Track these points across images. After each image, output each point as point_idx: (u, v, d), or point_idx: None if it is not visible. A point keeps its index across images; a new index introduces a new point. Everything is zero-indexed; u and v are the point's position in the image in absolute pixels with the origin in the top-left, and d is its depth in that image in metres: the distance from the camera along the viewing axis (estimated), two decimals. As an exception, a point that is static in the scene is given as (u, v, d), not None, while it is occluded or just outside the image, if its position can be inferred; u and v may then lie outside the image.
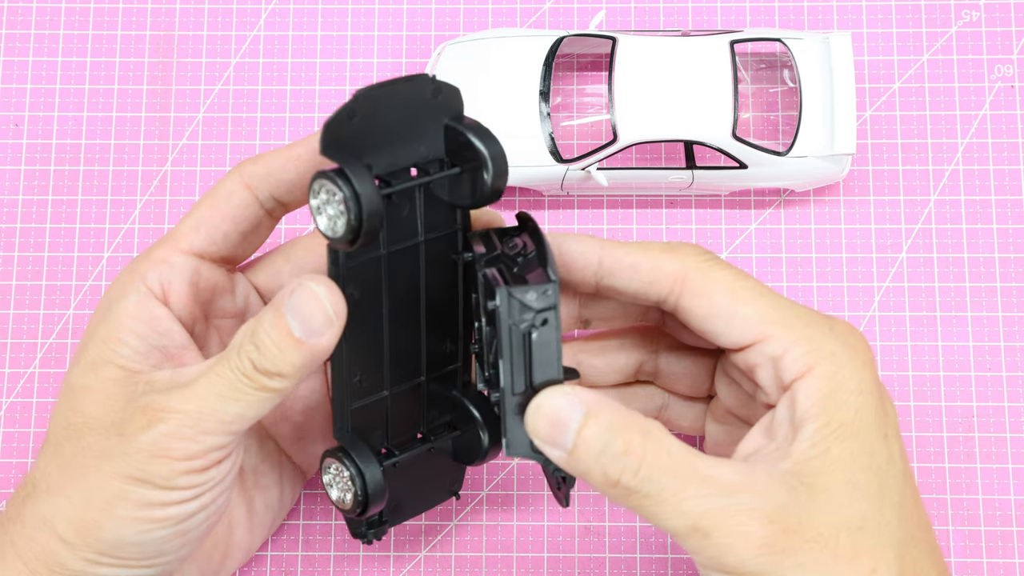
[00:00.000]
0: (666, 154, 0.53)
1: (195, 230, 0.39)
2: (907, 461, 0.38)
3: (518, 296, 0.35)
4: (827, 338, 0.37)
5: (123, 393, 0.37)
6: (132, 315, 0.38)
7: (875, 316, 0.51)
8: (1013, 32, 0.54)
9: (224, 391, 0.36)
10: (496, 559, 0.49)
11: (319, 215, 0.35)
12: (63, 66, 0.54)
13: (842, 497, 0.35)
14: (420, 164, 0.37)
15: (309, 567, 0.49)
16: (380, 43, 0.55)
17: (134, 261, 0.40)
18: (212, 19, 0.55)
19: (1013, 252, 0.52)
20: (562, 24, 0.54)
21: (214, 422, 0.36)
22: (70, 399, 0.38)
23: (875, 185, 0.53)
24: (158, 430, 0.36)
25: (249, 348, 0.36)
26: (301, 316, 0.35)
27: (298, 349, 0.35)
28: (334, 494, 0.41)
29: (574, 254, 0.39)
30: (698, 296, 0.38)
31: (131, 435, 0.36)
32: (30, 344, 0.52)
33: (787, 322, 0.37)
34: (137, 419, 0.36)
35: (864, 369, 0.37)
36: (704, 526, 0.34)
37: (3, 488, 0.50)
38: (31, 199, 0.53)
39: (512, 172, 0.50)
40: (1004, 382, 0.51)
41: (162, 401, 0.36)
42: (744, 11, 0.54)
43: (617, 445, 0.34)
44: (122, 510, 0.36)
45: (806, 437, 0.35)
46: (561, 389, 0.35)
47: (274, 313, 0.36)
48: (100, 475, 0.36)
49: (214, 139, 0.54)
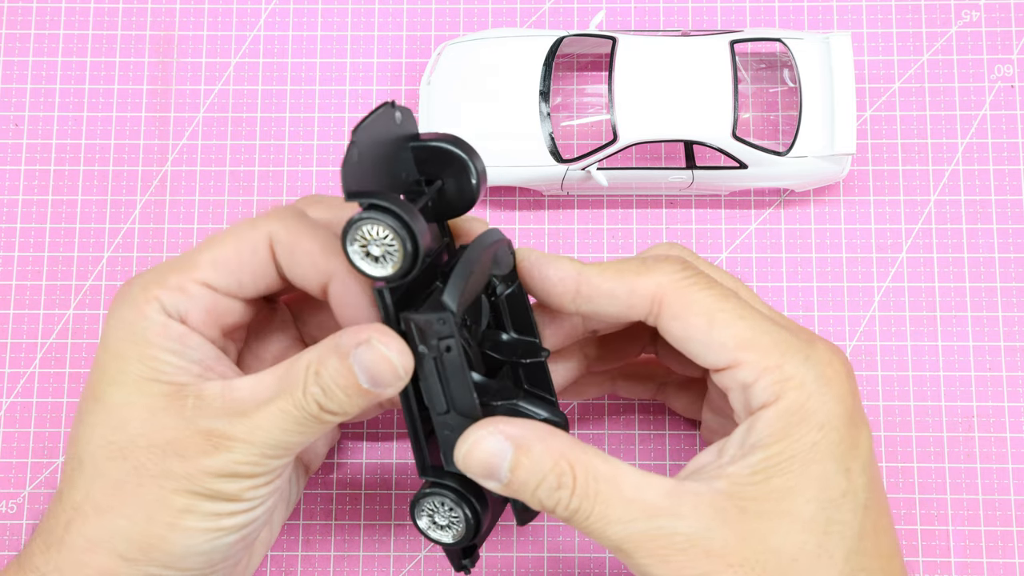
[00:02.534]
0: (666, 154, 0.53)
1: (214, 267, 0.38)
2: (875, 492, 0.37)
3: (416, 321, 0.35)
4: (800, 367, 0.36)
5: (172, 408, 0.37)
6: (160, 334, 0.38)
7: (875, 316, 0.51)
8: (1013, 32, 0.54)
9: (290, 426, 0.36)
10: (496, 559, 0.49)
11: (364, 261, 0.35)
12: (63, 66, 0.54)
13: (777, 526, 0.35)
14: (405, 189, 0.37)
15: (309, 567, 0.49)
16: (380, 43, 0.55)
17: (143, 281, 0.39)
18: (212, 19, 0.55)
19: (1013, 252, 0.52)
20: (562, 24, 0.54)
21: (279, 449, 0.37)
22: (109, 417, 0.37)
23: (875, 185, 0.53)
24: (225, 457, 0.36)
25: (315, 391, 0.36)
26: (370, 373, 0.36)
27: (365, 397, 0.36)
28: (438, 534, 0.39)
29: (552, 280, 0.38)
30: (675, 319, 0.37)
31: (194, 458, 0.36)
32: (30, 344, 0.52)
33: (762, 348, 0.36)
34: (198, 444, 0.36)
35: (835, 402, 0.36)
36: (626, 548, 0.35)
37: (3, 488, 0.50)
38: (31, 199, 0.53)
39: (512, 172, 0.50)
40: (1004, 382, 0.51)
41: (226, 430, 0.36)
42: (744, 11, 0.54)
43: (550, 480, 0.35)
44: (191, 522, 0.36)
45: (750, 464, 0.35)
46: (487, 429, 0.36)
47: (340, 362, 0.36)
48: (162, 492, 0.36)
49: (214, 139, 0.54)
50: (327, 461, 0.50)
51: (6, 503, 0.50)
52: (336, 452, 0.50)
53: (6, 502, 0.50)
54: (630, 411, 0.51)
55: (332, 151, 0.53)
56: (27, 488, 0.50)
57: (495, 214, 0.53)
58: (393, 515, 0.50)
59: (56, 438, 0.51)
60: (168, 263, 0.39)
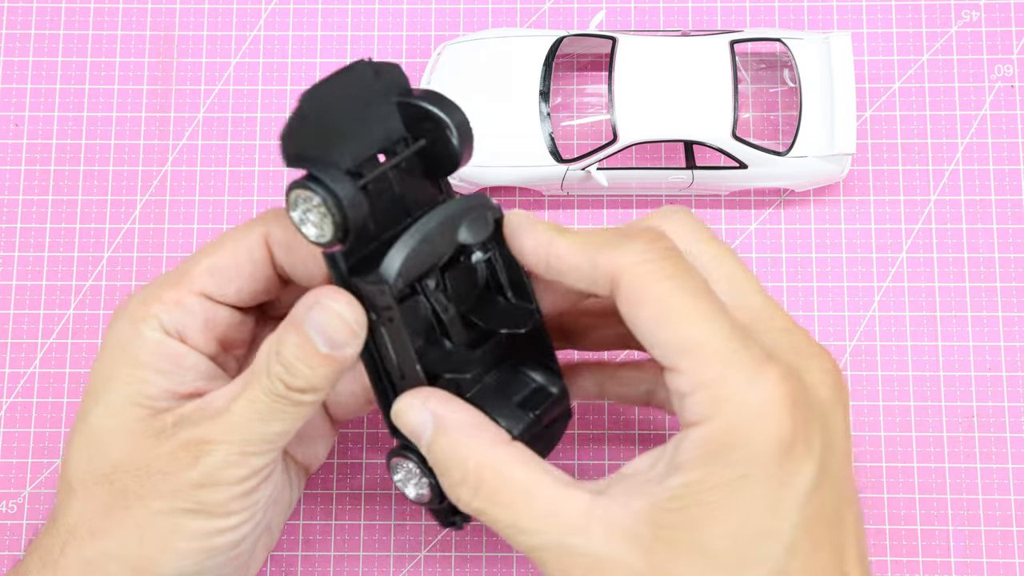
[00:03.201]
0: (666, 154, 0.53)
1: (210, 276, 0.38)
2: (808, 534, 0.33)
3: (361, 289, 0.35)
4: (742, 386, 0.32)
5: (150, 431, 0.37)
6: (154, 353, 0.37)
7: (875, 316, 0.51)
8: (1013, 32, 0.54)
9: (263, 414, 0.36)
10: (496, 559, 0.49)
11: (304, 226, 0.35)
12: (63, 66, 0.54)
13: (687, 559, 0.32)
14: (386, 148, 0.37)
15: (309, 567, 0.49)
16: (380, 43, 0.55)
17: (142, 298, 0.38)
18: (212, 19, 0.55)
19: (1013, 252, 0.52)
20: (562, 24, 0.54)
21: (260, 444, 0.36)
22: (92, 441, 0.37)
23: (875, 185, 0.53)
24: (206, 463, 0.36)
25: (278, 370, 0.35)
26: (324, 333, 0.35)
27: (327, 363, 0.36)
28: (412, 492, 0.39)
29: (527, 248, 0.36)
30: (627, 304, 0.34)
31: (177, 472, 0.36)
32: (30, 344, 0.52)
33: (703, 357, 0.32)
34: (180, 457, 0.36)
35: (773, 431, 0.32)
36: (535, 558, 0.34)
37: (3, 488, 0.50)
38: (31, 199, 0.53)
39: (512, 172, 0.50)
40: (1004, 382, 0.51)
41: (203, 434, 0.36)
42: (744, 11, 0.54)
43: (455, 474, 0.35)
44: (180, 543, 0.36)
45: (670, 487, 0.33)
46: (417, 399, 0.36)
47: (296, 332, 0.35)
48: (149, 513, 0.36)
49: (214, 139, 0.54)
50: (327, 461, 0.50)
51: (6, 503, 0.50)
52: (336, 452, 0.50)
53: (6, 502, 0.50)
54: (630, 411, 0.51)
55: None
56: (27, 488, 0.50)
57: (495, 214, 0.53)
58: (393, 515, 0.50)
59: (56, 438, 0.51)
60: (165, 276, 0.39)
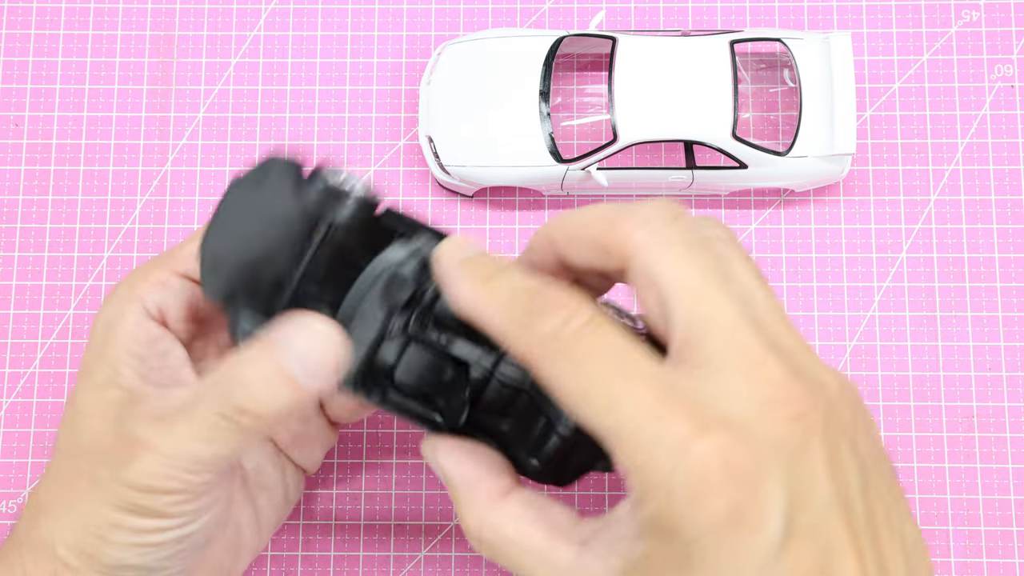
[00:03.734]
0: (666, 154, 0.53)
1: (193, 258, 0.38)
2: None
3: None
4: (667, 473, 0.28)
5: (120, 415, 0.36)
6: (131, 336, 0.37)
7: (875, 316, 0.51)
8: (1013, 32, 0.54)
9: (200, 432, 0.34)
10: (496, 559, 0.49)
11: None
12: (63, 66, 0.54)
13: None
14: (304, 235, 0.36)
15: (309, 567, 0.49)
16: (380, 43, 0.55)
17: (131, 278, 0.39)
18: (212, 19, 0.55)
19: (1013, 252, 0.52)
20: (562, 24, 0.54)
21: (191, 462, 0.34)
22: (73, 420, 0.37)
23: (875, 185, 0.53)
24: (135, 468, 0.34)
25: (237, 391, 0.34)
26: (303, 356, 0.33)
27: (294, 393, 0.33)
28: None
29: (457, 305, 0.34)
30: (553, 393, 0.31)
31: (115, 468, 0.35)
32: (30, 344, 0.52)
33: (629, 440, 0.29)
34: (121, 451, 0.35)
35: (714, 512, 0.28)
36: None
37: (3, 488, 0.50)
38: (31, 199, 0.53)
39: (512, 172, 0.50)
40: (1004, 382, 0.51)
41: (143, 435, 0.35)
42: (744, 11, 0.54)
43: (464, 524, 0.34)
44: (119, 536, 0.35)
45: (634, 552, 0.30)
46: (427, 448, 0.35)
47: (268, 353, 0.34)
48: (94, 503, 0.35)
49: (214, 139, 0.54)
50: (327, 461, 0.50)
51: (6, 503, 0.50)
52: (336, 452, 0.50)
53: (6, 502, 0.50)
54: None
55: (332, 151, 0.53)
56: (27, 488, 0.50)
57: (495, 214, 0.53)
58: (393, 515, 0.50)
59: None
60: (155, 258, 0.39)
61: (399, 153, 0.53)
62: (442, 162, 0.50)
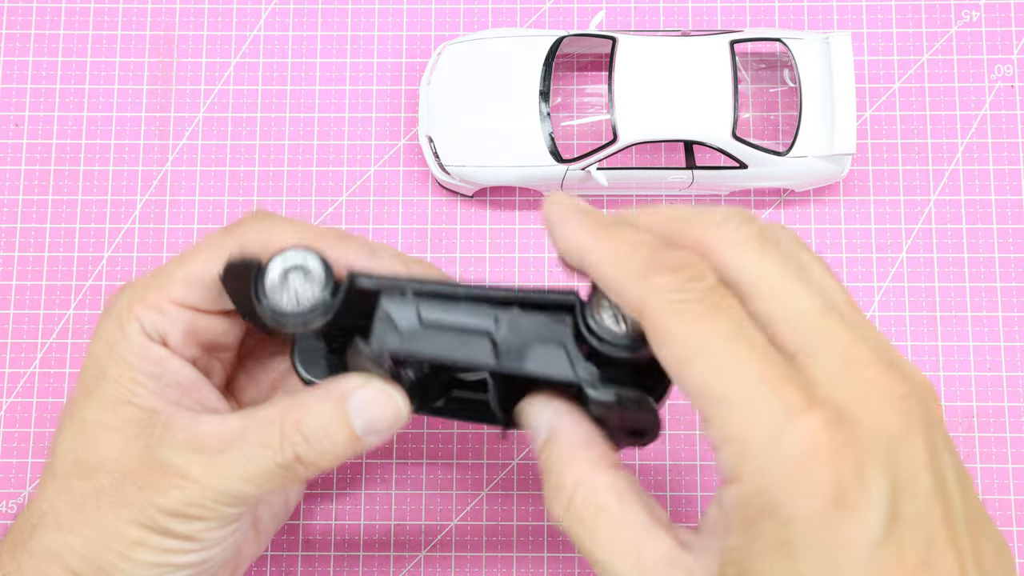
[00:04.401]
0: (666, 154, 0.53)
1: (188, 286, 0.37)
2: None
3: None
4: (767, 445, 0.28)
5: (142, 435, 0.36)
6: (139, 356, 0.37)
7: (875, 316, 0.51)
8: (1013, 32, 0.54)
9: (254, 476, 0.35)
10: (496, 559, 0.49)
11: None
12: (63, 66, 0.54)
13: None
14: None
15: (309, 567, 0.49)
16: (380, 43, 0.55)
17: (125, 299, 0.38)
18: (212, 19, 0.55)
19: (1013, 252, 0.52)
20: (562, 24, 0.54)
21: (237, 499, 0.35)
22: (83, 434, 0.37)
23: (875, 185, 0.53)
24: (175, 497, 0.35)
25: (297, 439, 0.34)
26: (367, 416, 0.34)
27: (353, 446, 0.35)
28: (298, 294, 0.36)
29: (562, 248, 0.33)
30: (653, 341, 0.30)
31: (148, 492, 0.35)
32: (30, 344, 0.52)
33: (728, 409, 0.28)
34: (155, 478, 0.35)
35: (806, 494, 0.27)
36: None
37: (3, 488, 0.50)
38: (31, 199, 0.53)
39: (512, 172, 0.50)
40: (1004, 382, 0.51)
41: (182, 467, 0.35)
42: (744, 11, 0.54)
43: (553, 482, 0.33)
44: (142, 555, 0.36)
45: (724, 550, 0.29)
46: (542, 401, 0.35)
47: (332, 406, 0.34)
48: (118, 521, 0.35)
49: (214, 139, 0.54)
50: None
51: (6, 503, 0.50)
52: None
53: (6, 502, 0.50)
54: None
55: (332, 151, 0.53)
56: (27, 488, 0.50)
57: (495, 214, 0.53)
58: (393, 515, 0.50)
59: (56, 438, 0.51)
60: (148, 278, 0.38)
61: (399, 153, 0.53)
62: (442, 162, 0.50)
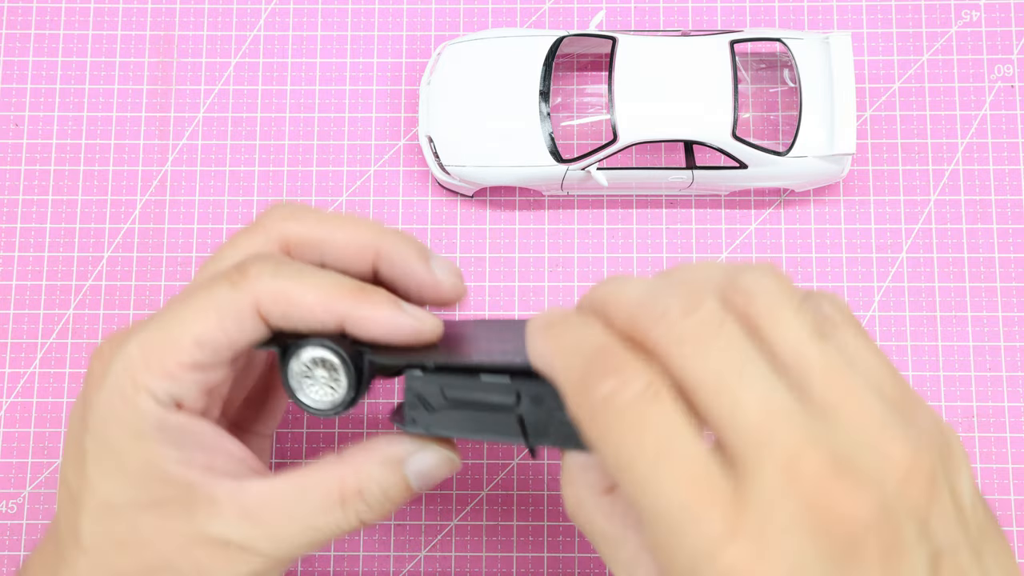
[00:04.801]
0: (666, 154, 0.53)
1: (200, 348, 0.34)
2: None
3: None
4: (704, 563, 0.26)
5: (184, 513, 0.35)
6: (158, 428, 0.34)
7: (875, 316, 0.51)
8: (1013, 32, 0.54)
9: (318, 542, 0.36)
10: (496, 559, 0.49)
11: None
12: (63, 66, 0.54)
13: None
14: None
15: (309, 567, 0.49)
16: (380, 43, 0.55)
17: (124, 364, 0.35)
18: (212, 19, 0.55)
19: (1013, 252, 0.52)
20: (562, 24, 0.54)
21: (296, 558, 0.37)
22: (114, 515, 0.35)
23: (875, 185, 0.53)
24: (243, 571, 0.35)
25: (361, 508, 0.36)
26: (427, 477, 0.36)
27: (404, 497, 0.36)
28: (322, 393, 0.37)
29: None
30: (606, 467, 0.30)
31: (207, 567, 0.35)
32: (30, 344, 0.52)
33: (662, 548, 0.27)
34: (215, 554, 0.35)
35: None
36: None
37: (3, 488, 0.50)
38: (31, 199, 0.53)
39: (512, 172, 0.50)
40: (1004, 382, 0.51)
41: (243, 542, 0.35)
42: (744, 11, 0.54)
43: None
44: None
45: None
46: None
47: (392, 472, 0.36)
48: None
49: (214, 139, 0.54)
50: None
51: (6, 503, 0.50)
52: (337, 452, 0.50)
53: (6, 502, 0.50)
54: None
55: (332, 151, 0.53)
56: (27, 488, 0.50)
57: (495, 214, 0.53)
58: (393, 515, 0.50)
59: (56, 438, 0.51)
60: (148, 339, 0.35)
61: (399, 153, 0.53)
62: (442, 162, 0.50)
